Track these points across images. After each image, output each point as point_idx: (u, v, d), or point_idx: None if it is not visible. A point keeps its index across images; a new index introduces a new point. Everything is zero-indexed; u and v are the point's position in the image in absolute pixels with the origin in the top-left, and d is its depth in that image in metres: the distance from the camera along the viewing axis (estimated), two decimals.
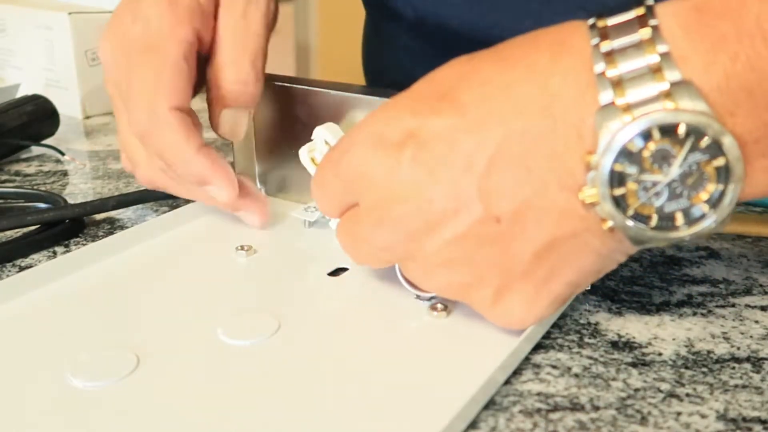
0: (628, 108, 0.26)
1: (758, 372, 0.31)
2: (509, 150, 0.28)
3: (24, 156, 0.61)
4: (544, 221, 0.29)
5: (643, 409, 0.29)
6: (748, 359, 0.32)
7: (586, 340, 0.34)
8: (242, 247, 0.41)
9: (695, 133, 0.26)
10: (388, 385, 0.30)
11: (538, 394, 0.30)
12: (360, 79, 0.72)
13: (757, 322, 0.35)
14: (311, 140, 0.42)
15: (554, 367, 0.32)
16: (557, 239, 0.29)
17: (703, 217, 0.27)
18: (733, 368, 0.32)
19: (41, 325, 0.34)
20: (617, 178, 0.27)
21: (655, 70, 0.26)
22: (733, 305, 0.37)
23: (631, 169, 0.27)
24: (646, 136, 0.26)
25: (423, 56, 0.33)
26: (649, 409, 0.29)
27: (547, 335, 0.34)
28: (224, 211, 0.45)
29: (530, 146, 0.28)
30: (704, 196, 0.27)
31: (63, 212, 0.45)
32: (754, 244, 0.43)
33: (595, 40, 0.27)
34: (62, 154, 0.60)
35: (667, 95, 0.26)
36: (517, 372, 0.31)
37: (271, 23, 0.43)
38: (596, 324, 0.35)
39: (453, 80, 0.30)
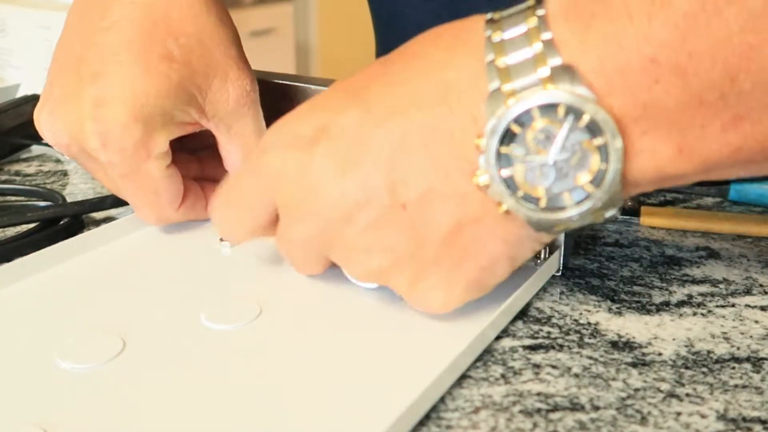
0: (513, 93, 0.28)
1: (758, 372, 0.31)
2: (411, 140, 0.30)
3: (24, 156, 0.61)
4: (447, 206, 0.30)
5: (643, 409, 0.29)
6: (748, 359, 0.32)
7: (586, 340, 0.34)
8: None
9: (574, 112, 0.27)
10: (360, 368, 0.31)
11: (538, 394, 0.30)
12: None
13: (757, 322, 0.35)
14: None
15: (554, 367, 0.32)
16: (462, 224, 0.31)
17: (588, 196, 0.28)
18: (733, 368, 0.32)
19: (32, 311, 0.36)
20: (505, 160, 0.28)
21: (539, 57, 0.27)
22: (733, 305, 0.37)
23: (518, 151, 0.28)
24: (529, 118, 0.27)
25: None
26: (649, 409, 0.29)
27: (547, 335, 0.34)
28: None
29: (430, 135, 0.30)
30: (588, 175, 0.28)
31: (62, 209, 0.45)
32: (754, 244, 0.43)
33: (489, 32, 0.29)
34: (62, 153, 0.60)
35: (549, 80, 0.27)
36: (517, 372, 0.31)
37: None
38: (596, 324, 0.35)
39: (365, 80, 0.32)
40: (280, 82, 0.47)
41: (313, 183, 0.32)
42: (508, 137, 0.28)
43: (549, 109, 0.27)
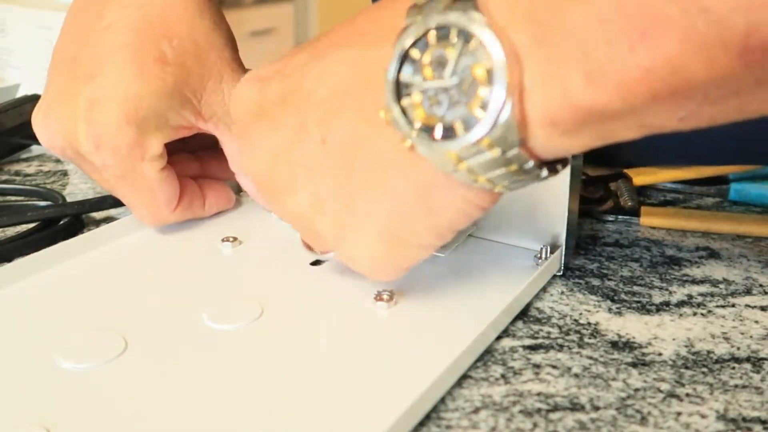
0: (416, 22, 0.28)
1: (758, 372, 0.31)
2: (340, 77, 0.31)
3: (24, 156, 0.61)
4: (361, 142, 0.30)
5: (643, 409, 0.29)
6: (748, 359, 0.32)
7: (586, 340, 0.34)
8: (228, 239, 0.42)
9: (464, 36, 0.27)
10: (360, 368, 0.31)
11: (538, 394, 0.30)
12: None
13: (757, 322, 0.35)
14: None
15: (554, 367, 0.32)
16: (373, 161, 0.30)
17: (477, 123, 0.27)
18: (733, 368, 0.32)
19: (32, 311, 0.36)
20: (404, 89, 0.28)
21: None
22: (733, 305, 0.37)
23: (416, 79, 0.28)
24: (425, 43, 0.27)
25: None
26: (649, 409, 0.29)
27: (547, 335, 0.34)
28: None
29: (353, 71, 0.30)
30: (477, 101, 0.27)
31: (62, 209, 0.45)
32: (754, 244, 0.43)
33: None
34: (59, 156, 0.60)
35: (449, 6, 0.27)
36: (517, 372, 0.31)
37: None
38: (596, 324, 0.35)
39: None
40: None
41: (260, 113, 0.33)
42: (405, 63, 0.28)
43: (443, 32, 0.27)
